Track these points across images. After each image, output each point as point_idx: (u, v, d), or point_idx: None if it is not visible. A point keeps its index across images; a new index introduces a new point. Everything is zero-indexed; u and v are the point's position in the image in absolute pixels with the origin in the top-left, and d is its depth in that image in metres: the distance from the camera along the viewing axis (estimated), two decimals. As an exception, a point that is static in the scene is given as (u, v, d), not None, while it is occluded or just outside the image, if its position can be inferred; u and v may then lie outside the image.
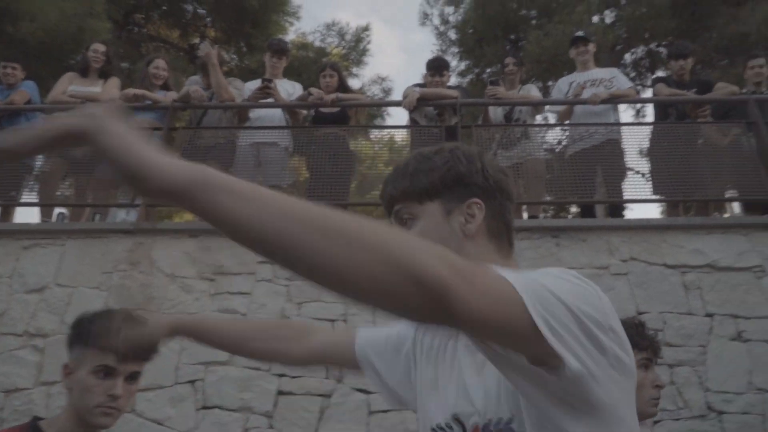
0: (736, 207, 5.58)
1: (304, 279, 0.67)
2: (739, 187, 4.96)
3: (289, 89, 5.71)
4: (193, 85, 5.41)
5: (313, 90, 5.42)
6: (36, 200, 5.24)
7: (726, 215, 5.64)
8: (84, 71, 5.70)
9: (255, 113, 5.58)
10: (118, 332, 1.56)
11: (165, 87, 5.73)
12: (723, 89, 5.50)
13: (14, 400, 3.92)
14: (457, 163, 1.07)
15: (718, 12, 10.46)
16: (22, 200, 5.23)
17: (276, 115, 5.57)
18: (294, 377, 3.96)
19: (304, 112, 5.92)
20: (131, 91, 5.45)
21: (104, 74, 5.72)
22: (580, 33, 5.85)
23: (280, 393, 3.92)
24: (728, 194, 5.20)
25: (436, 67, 5.53)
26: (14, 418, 3.76)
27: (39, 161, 5.37)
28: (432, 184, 1.06)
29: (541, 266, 1.09)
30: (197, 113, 5.58)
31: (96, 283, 4.31)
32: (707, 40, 10.55)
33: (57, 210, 5.26)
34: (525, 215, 5.26)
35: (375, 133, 6.10)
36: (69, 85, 5.61)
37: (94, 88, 5.61)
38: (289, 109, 5.58)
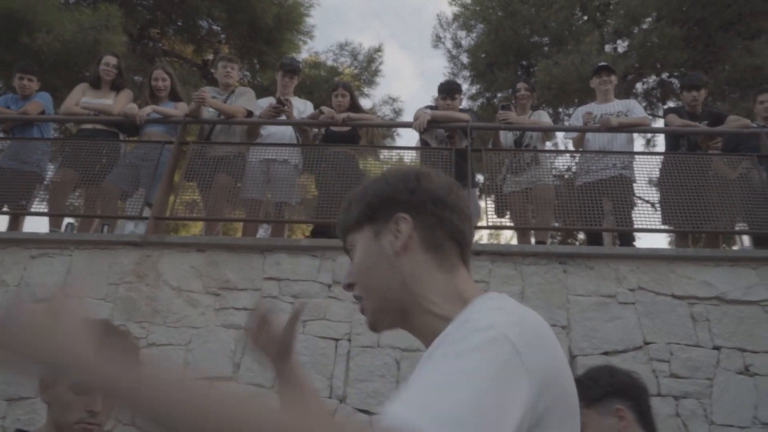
0: (746, 240, 5.55)
1: None
2: (748, 220, 4.92)
3: (300, 107, 5.75)
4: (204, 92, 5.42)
5: (325, 109, 5.46)
6: (46, 210, 5.27)
7: (735, 248, 5.60)
8: (96, 83, 5.75)
9: (266, 130, 5.62)
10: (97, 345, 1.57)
11: (175, 98, 5.76)
12: (735, 122, 5.51)
13: (17, 409, 3.90)
14: (382, 186, 1.09)
15: (732, 44, 10.50)
16: (32, 209, 5.26)
17: (287, 132, 5.60)
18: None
19: (315, 130, 5.95)
20: (146, 109, 5.47)
21: (116, 86, 5.77)
22: (604, 63, 5.87)
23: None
24: (738, 227, 5.17)
25: (448, 90, 5.56)
26: (16, 427, 3.75)
27: (50, 171, 5.42)
28: (361, 211, 1.09)
29: (548, 292, 1.09)
30: (207, 127, 5.62)
31: (102, 295, 4.31)
32: (720, 72, 10.58)
33: (66, 220, 5.28)
34: (533, 240, 5.25)
35: (385, 154, 6.12)
36: (81, 96, 5.67)
37: (107, 100, 5.67)
38: (300, 126, 5.62)
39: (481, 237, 15.73)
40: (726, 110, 7.67)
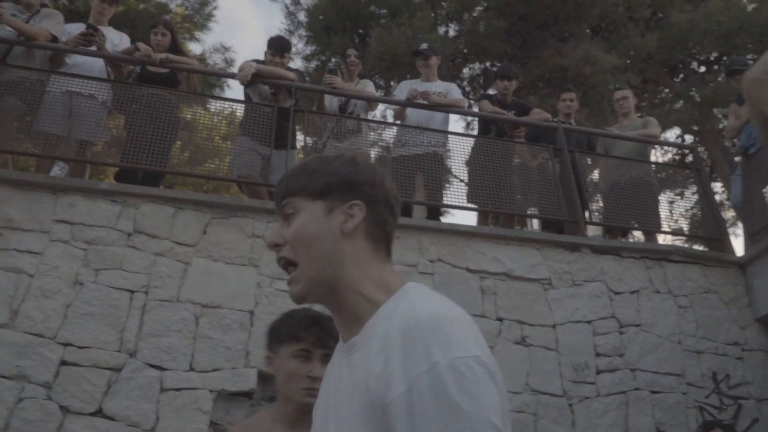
0: (536, 223, 6.13)
1: None
2: (540, 206, 5.43)
3: (114, 39, 5.29)
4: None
5: (141, 45, 5.07)
6: None
7: (526, 229, 6.16)
8: None
9: (72, 59, 5.09)
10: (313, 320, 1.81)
11: None
12: (537, 115, 6.01)
13: None
14: (355, 171, 1.16)
15: (546, 44, 11.41)
16: None
17: (96, 65, 5.13)
18: (81, 347, 3.68)
19: (129, 67, 5.52)
20: None
21: None
22: (424, 46, 6.05)
23: (64, 363, 3.62)
24: (530, 211, 5.68)
25: (278, 46, 5.43)
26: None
27: None
28: (327, 184, 1.14)
29: None
30: (3, 47, 4.96)
31: None
32: (533, 68, 11.46)
33: None
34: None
35: (216, 105, 5.82)
36: None
37: None
38: (113, 61, 5.17)
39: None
40: (535, 104, 8.35)
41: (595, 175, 6.07)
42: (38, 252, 3.92)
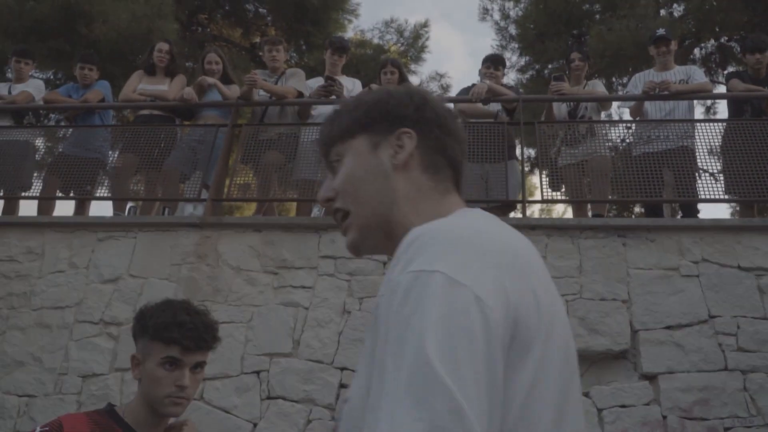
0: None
1: None
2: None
3: (349, 86, 5.75)
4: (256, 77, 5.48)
5: (374, 86, 5.45)
6: (109, 195, 5.46)
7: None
8: (150, 70, 5.89)
9: (317, 110, 5.64)
10: (179, 324, 1.67)
11: (227, 81, 5.85)
12: (802, 83, 5.25)
13: (91, 385, 4.09)
14: (386, 98, 1.03)
15: (795, 3, 9.98)
16: (97, 194, 5.48)
17: (338, 112, 5.61)
18: (355, 371, 3.99)
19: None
20: (207, 79, 5.59)
21: (170, 72, 5.90)
22: (662, 31, 5.65)
23: (342, 386, 3.96)
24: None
25: (492, 59, 5.52)
26: (91, 402, 3.93)
27: (111, 157, 5.60)
28: (355, 119, 1.02)
29: (607, 266, 1.07)
30: (259, 109, 5.69)
31: (166, 275, 4.46)
32: (783, 33, 10.08)
33: (129, 204, 5.46)
34: (590, 213, 5.15)
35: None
36: (138, 83, 5.82)
37: (162, 85, 5.80)
38: (351, 105, 5.62)
39: (533, 212, 15.47)
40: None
41: None
42: (310, 286, 4.37)
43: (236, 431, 3.84)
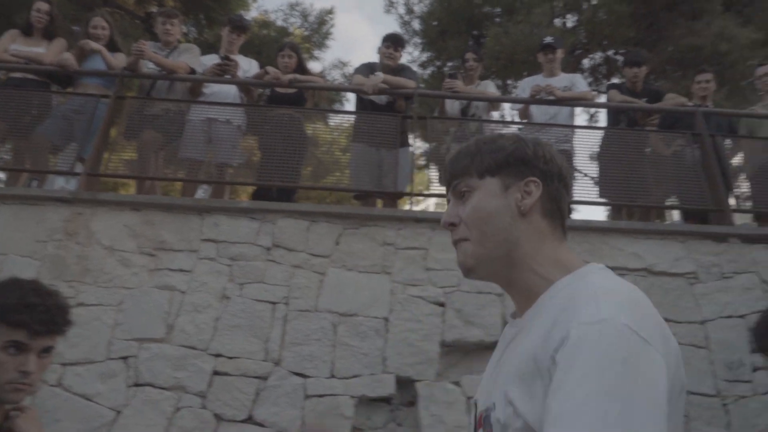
0: (676, 215, 5.75)
1: None
2: (680, 196, 5.10)
3: (245, 66, 5.60)
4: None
5: (270, 69, 5.33)
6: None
7: (666, 222, 5.80)
8: (28, 31, 5.46)
9: (209, 88, 5.45)
10: (27, 306, 1.55)
11: (113, 49, 5.52)
12: (672, 100, 5.65)
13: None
14: (523, 146, 1.14)
15: (676, 24, 10.73)
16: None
17: (231, 92, 5.46)
18: (231, 358, 3.91)
19: (260, 90, 5.82)
20: (90, 44, 5.25)
21: (49, 35, 5.49)
22: (549, 40, 5.89)
23: (216, 373, 3.86)
24: (669, 202, 5.35)
25: (393, 39, 5.54)
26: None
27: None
28: (496, 161, 1.13)
29: None
30: (147, 82, 5.42)
31: (29, 252, 4.15)
32: (663, 51, 10.81)
33: (-7, 173, 5.05)
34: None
35: (336, 120, 6.04)
36: (11, 43, 5.38)
37: (38, 48, 5.39)
38: (245, 86, 5.48)
39: (428, 206, 15.77)
40: (667, 88, 7.86)
41: (739, 159, 5.60)
42: (188, 270, 4.22)
43: (97, 419, 3.64)
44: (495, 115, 5.93)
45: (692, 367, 4.05)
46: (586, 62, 12.72)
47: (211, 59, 5.59)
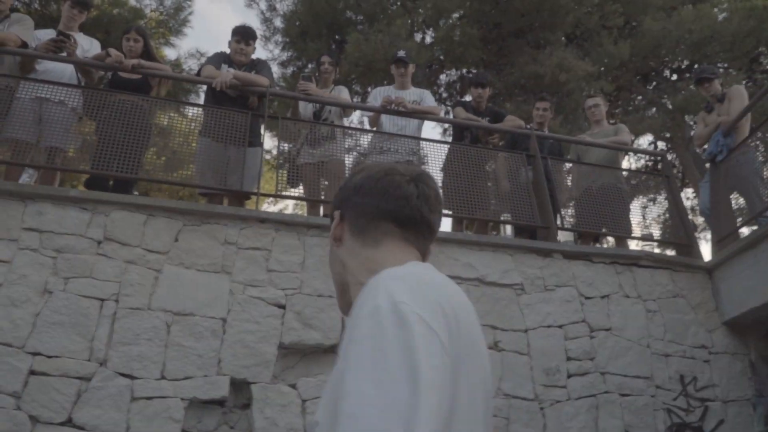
0: (509, 229, 6.17)
1: None
2: (513, 212, 5.48)
3: (85, 45, 5.25)
4: None
5: (112, 51, 5.03)
6: None
7: (498, 235, 6.21)
8: None
9: (42, 65, 5.04)
10: None
11: None
12: (511, 122, 6.08)
13: None
14: (343, 188, 1.23)
15: (521, 51, 11.52)
16: None
17: (66, 71, 5.08)
18: (50, 357, 3.63)
19: (101, 73, 5.47)
20: None
21: None
22: (402, 54, 6.09)
23: (33, 373, 3.57)
24: (503, 217, 5.73)
25: (243, 33, 5.43)
26: None
27: None
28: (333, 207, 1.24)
29: (329, 264, 1.17)
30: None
31: None
32: (509, 75, 11.56)
33: None
34: (321, 213, 5.35)
35: (193, 111, 5.78)
36: None
37: None
38: (83, 67, 5.13)
39: (286, 206, 15.55)
40: (511, 111, 8.43)
41: (568, 181, 6.14)
42: (6, 260, 3.87)
43: None
44: (346, 121, 6.01)
45: (514, 373, 4.37)
46: (443, 78, 13.28)
47: (48, 34, 5.18)
